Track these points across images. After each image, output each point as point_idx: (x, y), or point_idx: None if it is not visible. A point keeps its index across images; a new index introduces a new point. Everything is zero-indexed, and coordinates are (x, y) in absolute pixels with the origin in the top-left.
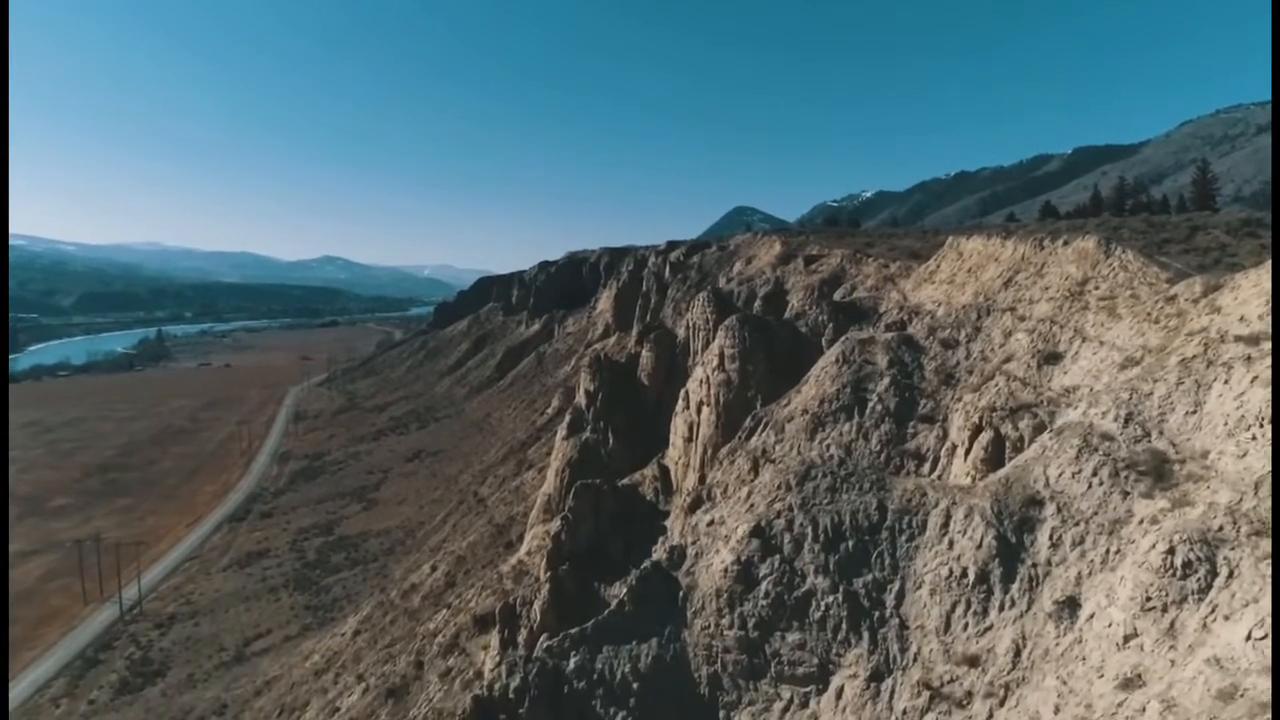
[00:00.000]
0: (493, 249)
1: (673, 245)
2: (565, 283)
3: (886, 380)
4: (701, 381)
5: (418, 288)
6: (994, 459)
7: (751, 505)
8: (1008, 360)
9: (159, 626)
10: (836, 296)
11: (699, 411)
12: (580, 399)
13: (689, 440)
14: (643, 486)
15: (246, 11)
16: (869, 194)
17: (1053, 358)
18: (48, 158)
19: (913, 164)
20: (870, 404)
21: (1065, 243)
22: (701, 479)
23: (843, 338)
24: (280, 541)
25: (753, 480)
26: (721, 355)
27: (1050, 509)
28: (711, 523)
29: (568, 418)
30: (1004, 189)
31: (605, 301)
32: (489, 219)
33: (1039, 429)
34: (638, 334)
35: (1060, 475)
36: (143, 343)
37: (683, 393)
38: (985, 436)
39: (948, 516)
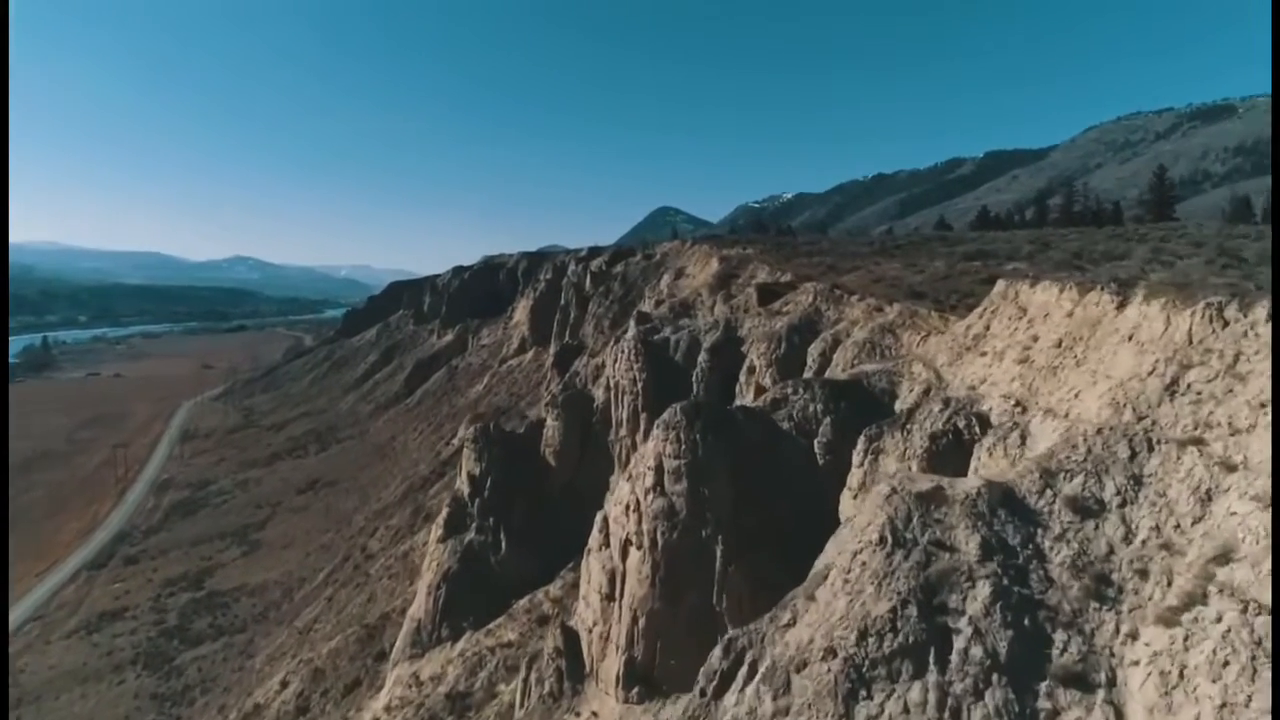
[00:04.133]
0: (412, 249)
1: (594, 252)
2: (481, 290)
3: (986, 589)
4: (628, 507)
5: (334, 289)
6: None
7: None
8: (1220, 557)
9: None
10: (814, 353)
11: (624, 554)
12: (462, 485)
13: (610, 599)
14: (539, 666)
15: None
16: (789, 196)
17: None
18: None
19: (831, 166)
20: (958, 643)
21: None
22: (630, 668)
23: (886, 492)
24: (141, 597)
25: None
26: (659, 468)
27: None
28: None
29: (445, 511)
30: (920, 191)
31: (521, 313)
32: (409, 218)
33: None
34: (554, 354)
35: None
36: (26, 351)
37: (599, 519)
38: None
39: None
